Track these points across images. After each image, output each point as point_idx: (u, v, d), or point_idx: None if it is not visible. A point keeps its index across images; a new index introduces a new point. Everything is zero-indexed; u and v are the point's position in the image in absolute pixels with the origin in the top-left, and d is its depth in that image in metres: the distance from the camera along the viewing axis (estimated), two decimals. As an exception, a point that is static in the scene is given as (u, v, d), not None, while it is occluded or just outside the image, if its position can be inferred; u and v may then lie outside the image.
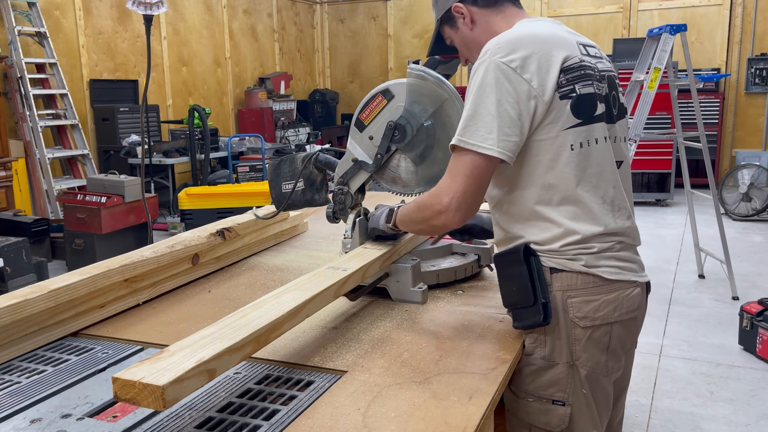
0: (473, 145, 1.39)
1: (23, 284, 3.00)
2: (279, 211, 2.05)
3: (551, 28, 1.51)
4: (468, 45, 1.65)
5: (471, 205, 1.42)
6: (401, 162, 1.82)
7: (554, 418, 1.47)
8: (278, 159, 2.01)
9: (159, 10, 3.73)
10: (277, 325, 1.27)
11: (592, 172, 1.45)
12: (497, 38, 1.44)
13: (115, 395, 1.00)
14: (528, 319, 1.44)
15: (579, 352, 1.46)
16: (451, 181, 1.42)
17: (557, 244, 1.45)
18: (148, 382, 0.98)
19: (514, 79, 1.38)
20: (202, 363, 1.05)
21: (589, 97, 1.45)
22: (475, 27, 1.61)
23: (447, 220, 1.44)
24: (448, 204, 1.41)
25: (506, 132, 1.38)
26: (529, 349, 1.49)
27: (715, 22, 9.39)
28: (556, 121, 1.41)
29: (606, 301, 1.46)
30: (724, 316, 4.38)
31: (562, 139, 1.42)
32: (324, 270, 1.57)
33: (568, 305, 1.45)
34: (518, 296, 1.45)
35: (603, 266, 1.46)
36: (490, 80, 1.39)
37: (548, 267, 1.46)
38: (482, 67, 1.41)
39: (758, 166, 7.65)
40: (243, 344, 1.16)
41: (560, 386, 1.47)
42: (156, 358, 1.06)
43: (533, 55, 1.40)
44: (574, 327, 1.45)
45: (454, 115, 1.73)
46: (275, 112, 9.86)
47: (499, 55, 1.40)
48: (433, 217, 1.47)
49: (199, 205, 6.32)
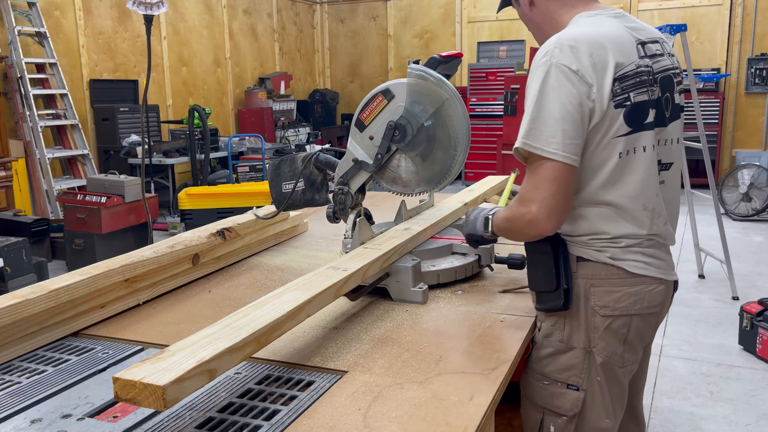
0: (539, 149, 1.38)
1: (23, 284, 3.00)
2: (279, 211, 2.05)
3: (612, 28, 1.47)
4: (527, 22, 1.69)
5: (563, 208, 1.41)
6: (401, 162, 1.82)
7: (567, 402, 1.52)
8: (278, 159, 2.01)
9: (159, 10, 3.73)
10: (277, 325, 1.26)
11: (636, 179, 1.46)
12: (558, 39, 1.42)
13: (116, 395, 1.00)
14: (549, 302, 1.50)
15: (596, 340, 1.50)
16: (534, 189, 1.40)
17: (586, 238, 1.49)
18: (148, 382, 0.98)
19: (576, 82, 1.38)
20: (202, 363, 1.05)
21: (642, 105, 1.45)
22: (533, 9, 1.62)
23: (541, 229, 1.42)
24: (538, 212, 1.39)
25: (570, 135, 1.37)
26: (549, 330, 1.54)
27: (715, 22, 9.39)
28: (609, 128, 1.42)
29: (628, 294, 1.48)
30: (724, 316, 4.38)
31: (612, 146, 1.43)
32: (324, 270, 1.57)
33: (590, 293, 1.49)
34: (543, 280, 1.50)
35: (628, 260, 1.48)
36: (552, 83, 1.38)
37: (575, 255, 1.50)
38: (542, 69, 1.40)
39: (758, 166, 7.65)
40: (243, 344, 1.16)
41: (575, 371, 1.51)
42: (156, 358, 1.06)
43: (591, 59, 1.39)
44: (593, 315, 1.49)
45: (455, 115, 1.74)
46: (275, 112, 9.86)
47: (560, 58, 1.39)
48: (524, 227, 1.45)
49: (199, 205, 6.32)
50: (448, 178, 1.80)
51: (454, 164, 1.78)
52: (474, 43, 10.92)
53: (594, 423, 1.53)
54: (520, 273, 1.94)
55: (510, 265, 1.87)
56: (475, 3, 10.82)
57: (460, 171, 1.83)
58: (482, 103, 9.79)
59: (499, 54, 10.77)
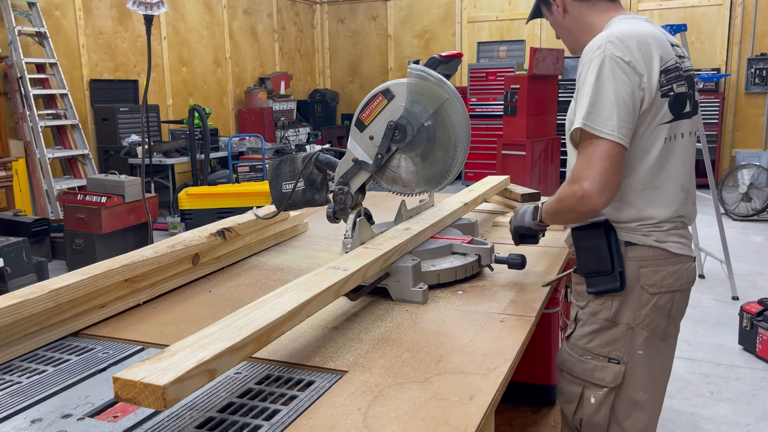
0: (596, 130, 1.49)
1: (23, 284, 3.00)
2: (279, 211, 2.05)
3: (649, 28, 1.62)
4: (558, 28, 1.79)
5: (614, 184, 1.51)
6: (401, 162, 1.82)
7: (609, 374, 1.64)
8: (278, 159, 2.01)
9: (159, 11, 3.73)
10: (277, 325, 1.27)
11: (677, 162, 1.62)
12: (608, 34, 1.55)
13: (116, 395, 1.00)
14: (604, 285, 1.62)
15: (643, 316, 1.62)
16: (587, 167, 1.50)
17: (634, 224, 1.62)
18: (148, 382, 0.98)
19: (628, 72, 1.51)
20: (202, 363, 1.05)
21: (682, 96, 1.60)
22: (567, 16, 1.73)
23: (593, 204, 1.51)
24: (590, 188, 1.49)
25: (624, 119, 1.49)
26: (596, 309, 1.65)
27: (715, 22, 9.39)
28: (656, 116, 1.56)
29: (671, 272, 1.62)
30: (724, 316, 4.38)
31: (657, 132, 1.58)
32: (324, 270, 1.57)
33: (640, 274, 1.61)
34: (596, 265, 1.63)
35: (671, 242, 1.62)
36: (607, 72, 1.50)
37: (623, 240, 1.62)
38: (598, 60, 1.52)
39: (758, 166, 7.65)
40: (244, 344, 1.16)
41: (617, 345, 1.63)
42: (157, 358, 1.06)
43: (640, 53, 1.52)
44: (643, 293, 1.62)
45: (455, 115, 1.74)
46: (275, 112, 9.86)
47: (613, 51, 1.51)
48: (576, 204, 1.54)
49: (199, 205, 6.32)
50: (448, 178, 1.81)
51: (454, 164, 1.78)
52: (474, 43, 10.92)
53: (632, 396, 1.64)
54: (520, 273, 1.94)
55: (510, 265, 1.88)
56: (475, 3, 10.82)
57: (460, 171, 1.83)
58: (482, 103, 9.80)
59: (499, 54, 10.77)
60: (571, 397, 1.69)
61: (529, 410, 2.64)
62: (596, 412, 1.65)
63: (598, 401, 1.64)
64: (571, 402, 1.69)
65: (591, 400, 1.65)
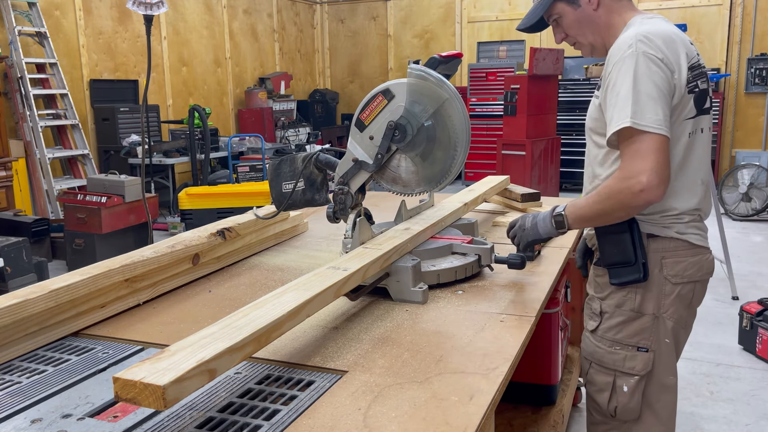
0: (645, 126, 1.51)
1: (23, 284, 3.00)
2: (279, 211, 2.05)
3: (671, 27, 1.66)
4: (583, 24, 1.74)
5: (668, 176, 1.55)
6: (401, 162, 1.82)
7: (639, 362, 1.70)
8: (278, 159, 2.01)
9: (159, 10, 3.73)
10: (277, 325, 1.27)
11: (698, 155, 1.67)
12: (637, 33, 1.57)
13: (116, 395, 1.00)
14: (628, 276, 1.67)
15: (667, 306, 1.68)
16: (642, 161, 1.52)
17: (657, 216, 1.66)
18: (149, 382, 0.98)
19: (663, 68, 1.55)
20: (202, 363, 1.06)
21: (705, 92, 1.67)
22: (599, 9, 1.72)
23: (650, 196, 1.52)
24: (649, 181, 1.51)
25: (666, 113, 1.54)
26: (621, 301, 1.70)
27: (715, 22, 9.39)
28: (682, 110, 1.61)
29: (692, 263, 1.68)
30: (724, 316, 4.38)
31: (683, 127, 1.63)
32: (324, 270, 1.58)
33: (662, 265, 1.67)
34: (620, 256, 1.67)
35: (691, 233, 1.68)
36: (643, 69, 1.54)
37: (645, 233, 1.67)
38: (632, 59, 1.55)
39: (758, 166, 7.65)
40: (244, 344, 1.16)
41: (645, 335, 1.69)
42: (157, 358, 1.06)
43: (669, 50, 1.57)
44: (665, 284, 1.67)
45: (455, 115, 1.74)
46: (275, 112, 9.86)
47: (645, 48, 1.55)
48: (632, 199, 1.54)
49: (199, 205, 6.32)
50: (448, 178, 1.81)
51: (454, 164, 1.78)
52: (474, 43, 10.92)
53: (661, 380, 1.71)
54: (520, 273, 1.94)
55: (510, 265, 1.87)
56: (475, 3, 10.82)
57: (460, 171, 1.83)
58: (482, 103, 9.80)
59: (499, 54, 10.77)
60: (603, 386, 1.75)
61: (529, 410, 2.64)
62: (630, 399, 1.71)
63: (631, 389, 1.70)
64: (603, 391, 1.75)
65: (624, 388, 1.71)
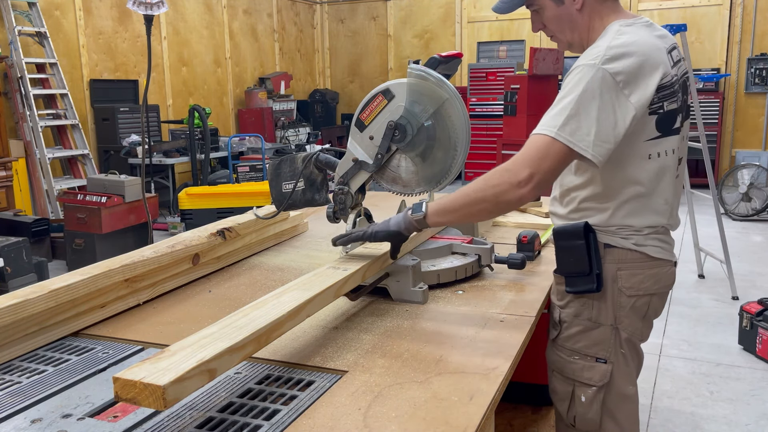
0: (571, 143, 1.45)
1: (23, 284, 3.00)
2: (279, 211, 2.05)
3: (650, 39, 1.54)
4: (563, 21, 1.66)
5: (548, 184, 1.52)
6: (401, 162, 1.82)
7: (597, 373, 1.66)
8: (278, 159, 2.01)
9: (159, 10, 3.73)
10: (278, 325, 1.27)
11: (662, 179, 1.59)
12: (608, 47, 1.48)
13: (116, 395, 1.00)
14: (582, 286, 1.63)
15: (622, 318, 1.64)
16: (537, 158, 1.46)
17: (615, 228, 1.62)
18: (149, 382, 0.98)
19: (616, 93, 1.46)
20: (202, 363, 1.06)
21: (672, 113, 1.56)
22: (583, 10, 1.62)
23: (523, 193, 1.46)
24: (530, 177, 1.45)
25: (602, 138, 1.45)
26: (579, 310, 1.66)
27: (715, 22, 9.39)
28: (640, 133, 1.53)
29: (649, 275, 1.63)
30: (724, 316, 4.38)
31: (642, 149, 1.55)
32: (324, 270, 1.58)
33: (617, 276, 1.62)
34: (575, 266, 1.63)
35: (650, 245, 1.62)
36: (595, 87, 1.45)
37: (602, 243, 1.63)
38: (590, 71, 1.47)
39: (758, 166, 7.65)
40: (244, 344, 1.16)
41: (604, 346, 1.65)
42: (157, 358, 1.06)
43: (639, 70, 1.47)
44: (620, 295, 1.63)
45: (455, 115, 1.74)
46: (275, 112, 9.85)
47: (609, 65, 1.46)
48: (507, 191, 1.48)
49: (199, 205, 6.32)
50: (448, 177, 1.80)
51: (454, 164, 1.78)
52: (474, 43, 10.92)
53: (621, 390, 1.67)
54: (520, 273, 1.94)
55: (510, 265, 1.88)
56: (475, 3, 10.82)
57: (460, 171, 1.83)
58: (482, 103, 9.79)
59: (499, 54, 10.77)
60: (564, 395, 1.72)
61: (529, 410, 2.64)
62: (588, 409, 1.67)
63: (589, 399, 1.67)
64: (563, 400, 1.72)
65: (582, 398, 1.67)
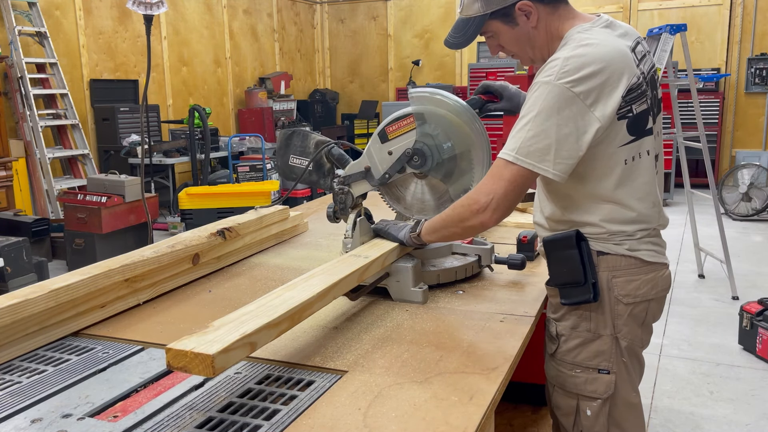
0: (530, 164, 1.44)
1: (23, 284, 3.01)
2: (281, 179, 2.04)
3: (611, 42, 1.47)
4: (521, 41, 1.61)
5: (509, 207, 1.50)
6: (411, 185, 1.85)
7: (601, 385, 1.61)
8: (291, 130, 1.98)
9: (159, 10, 3.73)
10: (308, 305, 1.37)
11: (644, 180, 1.55)
12: (565, 60, 1.43)
13: (168, 364, 1.09)
14: (578, 297, 1.57)
15: (620, 326, 1.59)
16: (492, 183, 1.48)
17: (606, 234, 1.57)
18: (199, 351, 1.07)
19: (577, 107, 1.41)
20: (245, 336, 1.16)
21: (643, 114, 1.52)
22: (538, 25, 1.57)
23: (484, 219, 1.50)
24: (487, 203, 1.47)
25: (563, 156, 1.43)
26: (576, 322, 1.61)
27: (715, 22, 9.39)
28: (612, 139, 1.48)
29: (645, 281, 1.58)
30: (724, 316, 4.38)
31: (617, 156, 1.51)
32: (347, 257, 1.67)
33: (613, 284, 1.57)
34: (569, 276, 1.57)
35: (643, 250, 1.58)
36: (552, 104, 1.41)
37: (595, 250, 1.58)
38: (546, 88, 1.42)
39: (758, 166, 7.65)
40: (280, 321, 1.27)
41: (605, 356, 1.60)
42: (202, 332, 1.15)
43: (599, 82, 1.42)
44: (617, 304, 1.58)
45: (477, 164, 1.75)
46: (275, 112, 9.85)
47: (566, 80, 1.41)
48: (469, 217, 1.52)
49: (199, 204, 6.32)
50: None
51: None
52: (474, 43, 10.90)
53: (626, 400, 1.63)
54: (520, 273, 1.94)
55: (510, 266, 1.88)
56: (475, 3, 10.80)
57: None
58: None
59: (499, 54, 10.76)
60: (568, 410, 1.67)
61: (529, 410, 2.64)
62: (595, 423, 1.62)
63: (595, 413, 1.61)
64: (568, 415, 1.67)
65: (587, 412, 1.62)
